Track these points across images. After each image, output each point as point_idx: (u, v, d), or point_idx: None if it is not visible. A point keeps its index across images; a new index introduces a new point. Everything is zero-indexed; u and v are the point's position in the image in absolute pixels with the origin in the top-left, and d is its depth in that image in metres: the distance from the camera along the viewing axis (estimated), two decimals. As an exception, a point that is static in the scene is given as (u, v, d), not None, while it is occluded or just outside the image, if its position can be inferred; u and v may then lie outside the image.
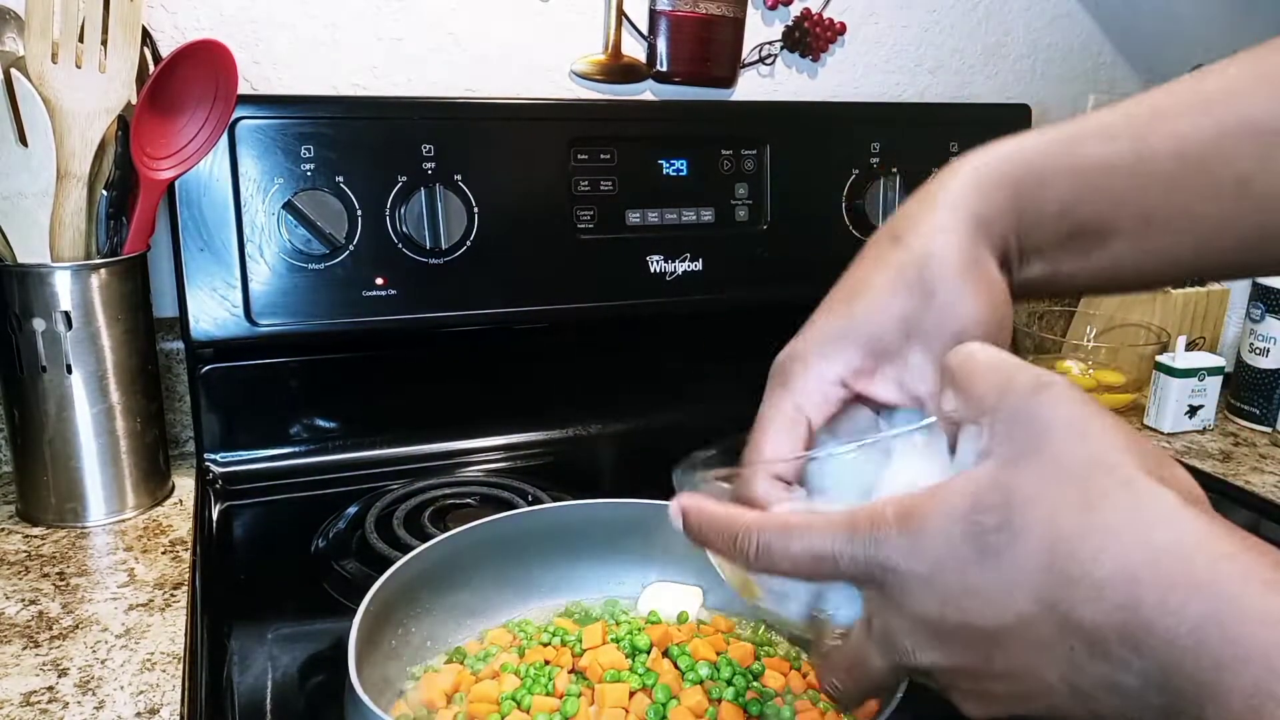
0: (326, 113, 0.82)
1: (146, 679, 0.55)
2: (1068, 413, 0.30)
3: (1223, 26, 1.23)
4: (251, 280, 0.81)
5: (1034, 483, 0.29)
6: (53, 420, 0.72)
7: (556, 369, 0.96)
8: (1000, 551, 0.29)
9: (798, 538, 0.33)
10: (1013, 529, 0.29)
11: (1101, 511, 0.28)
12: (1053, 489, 0.29)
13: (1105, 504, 0.28)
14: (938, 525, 0.30)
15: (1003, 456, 0.30)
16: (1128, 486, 0.28)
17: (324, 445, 0.89)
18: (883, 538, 0.31)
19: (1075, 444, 0.29)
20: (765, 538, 0.34)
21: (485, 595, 0.61)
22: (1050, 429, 0.30)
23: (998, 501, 0.29)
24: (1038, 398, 0.30)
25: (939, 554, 0.30)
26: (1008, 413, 0.31)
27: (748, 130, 0.97)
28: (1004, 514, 0.29)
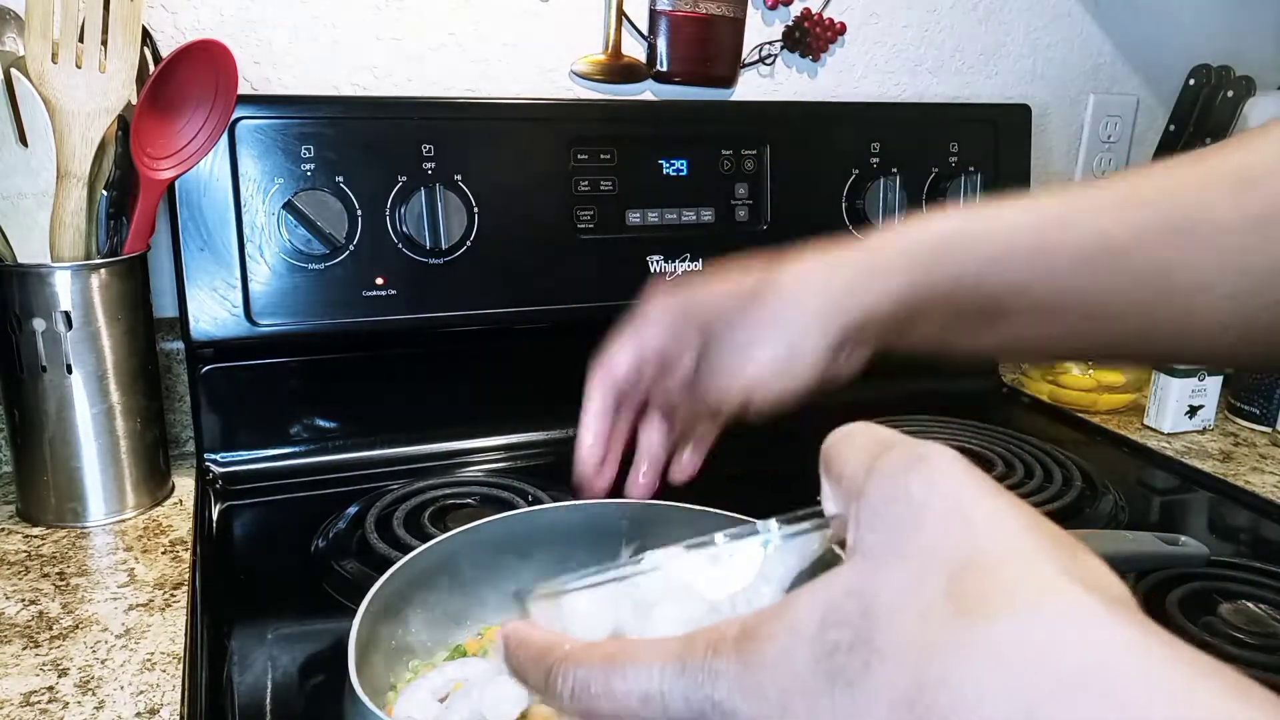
0: (326, 113, 0.82)
1: (146, 679, 0.55)
2: (947, 492, 0.23)
3: (1222, 27, 1.23)
4: (251, 280, 0.81)
5: (899, 586, 0.22)
6: (53, 420, 0.72)
7: (556, 369, 0.96)
8: (854, 680, 0.22)
9: (620, 673, 0.25)
10: (870, 648, 0.22)
11: (984, 623, 0.20)
12: (921, 594, 0.22)
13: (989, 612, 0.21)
14: (781, 648, 0.23)
15: (866, 555, 0.24)
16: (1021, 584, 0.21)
17: (324, 445, 0.89)
18: (719, 670, 0.24)
19: (954, 533, 0.22)
20: (583, 673, 0.26)
21: (485, 595, 0.61)
22: (923, 516, 0.23)
23: (853, 613, 0.22)
24: (909, 476, 0.24)
25: (783, 686, 0.23)
26: (874, 498, 0.24)
27: (748, 130, 0.97)
28: (861, 629, 0.22)
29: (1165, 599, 0.65)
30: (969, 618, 0.21)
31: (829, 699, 0.22)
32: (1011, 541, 0.22)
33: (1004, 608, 0.20)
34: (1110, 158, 1.23)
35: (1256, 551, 0.78)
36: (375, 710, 0.43)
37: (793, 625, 0.23)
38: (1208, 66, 1.13)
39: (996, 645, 0.20)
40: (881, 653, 0.21)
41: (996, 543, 0.22)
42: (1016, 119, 1.09)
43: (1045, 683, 0.19)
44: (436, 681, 0.52)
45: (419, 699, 0.51)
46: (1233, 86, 1.11)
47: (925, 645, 0.21)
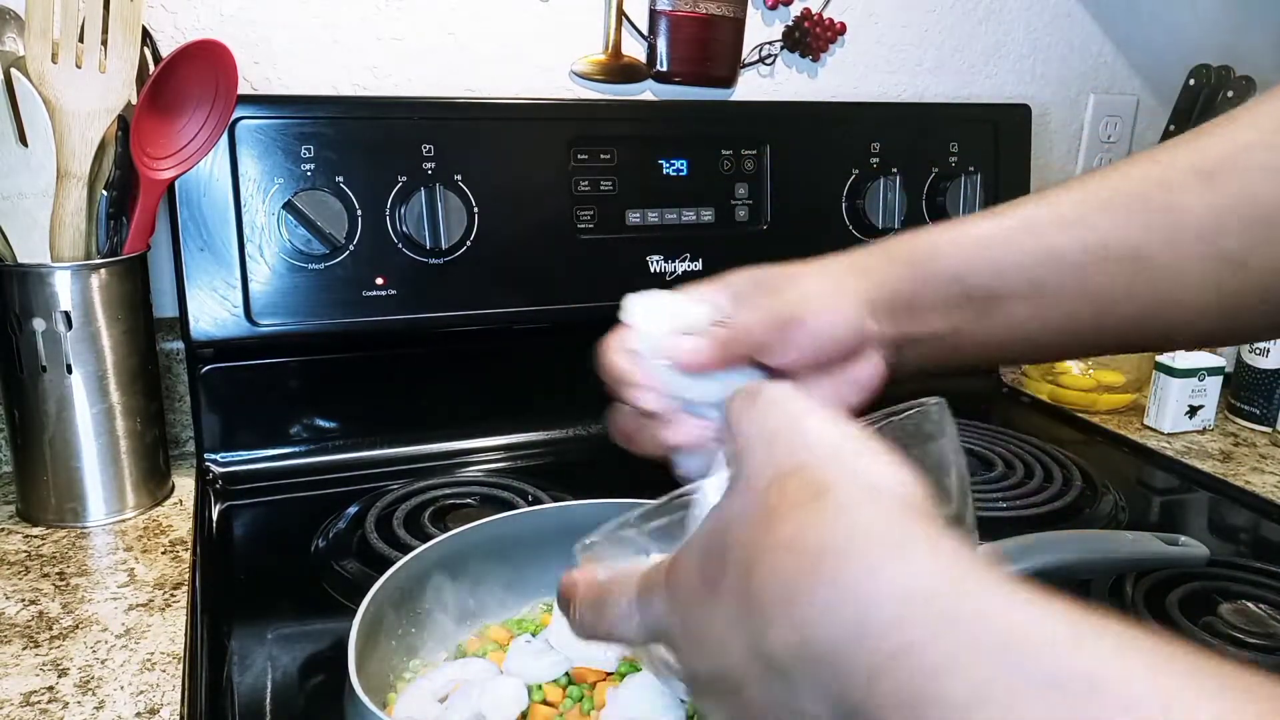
0: (326, 113, 0.82)
1: (146, 679, 0.55)
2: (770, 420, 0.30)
3: (1222, 27, 1.23)
4: (251, 280, 0.81)
5: (737, 502, 0.28)
6: (53, 420, 0.72)
7: (556, 369, 0.96)
8: (716, 584, 0.28)
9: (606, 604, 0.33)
10: (723, 556, 0.28)
11: (775, 522, 0.26)
12: (747, 504, 0.28)
13: (779, 513, 0.27)
14: (683, 566, 0.30)
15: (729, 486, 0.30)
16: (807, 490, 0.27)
17: (324, 445, 0.89)
18: (657, 590, 0.31)
19: (765, 456, 0.29)
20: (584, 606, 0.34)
21: (485, 595, 0.61)
22: (751, 442, 0.29)
23: (717, 531, 0.29)
24: (746, 415, 0.30)
25: (685, 598, 0.29)
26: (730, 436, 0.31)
27: (748, 130, 0.97)
28: (720, 542, 0.28)
29: (1165, 599, 0.65)
30: (770, 521, 0.27)
31: (708, 599, 0.28)
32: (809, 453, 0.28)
33: (788, 511, 0.26)
34: (1110, 158, 1.23)
35: (1256, 551, 0.78)
36: (375, 710, 0.43)
37: (690, 548, 0.30)
38: (1208, 66, 1.13)
39: (782, 539, 0.26)
40: (729, 554, 0.27)
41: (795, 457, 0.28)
42: (1016, 119, 1.09)
43: (806, 564, 0.25)
44: (436, 681, 0.52)
45: (419, 699, 0.51)
46: (1233, 86, 1.11)
47: (750, 544, 0.27)
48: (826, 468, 0.27)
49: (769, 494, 0.27)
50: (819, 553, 0.25)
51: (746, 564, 0.27)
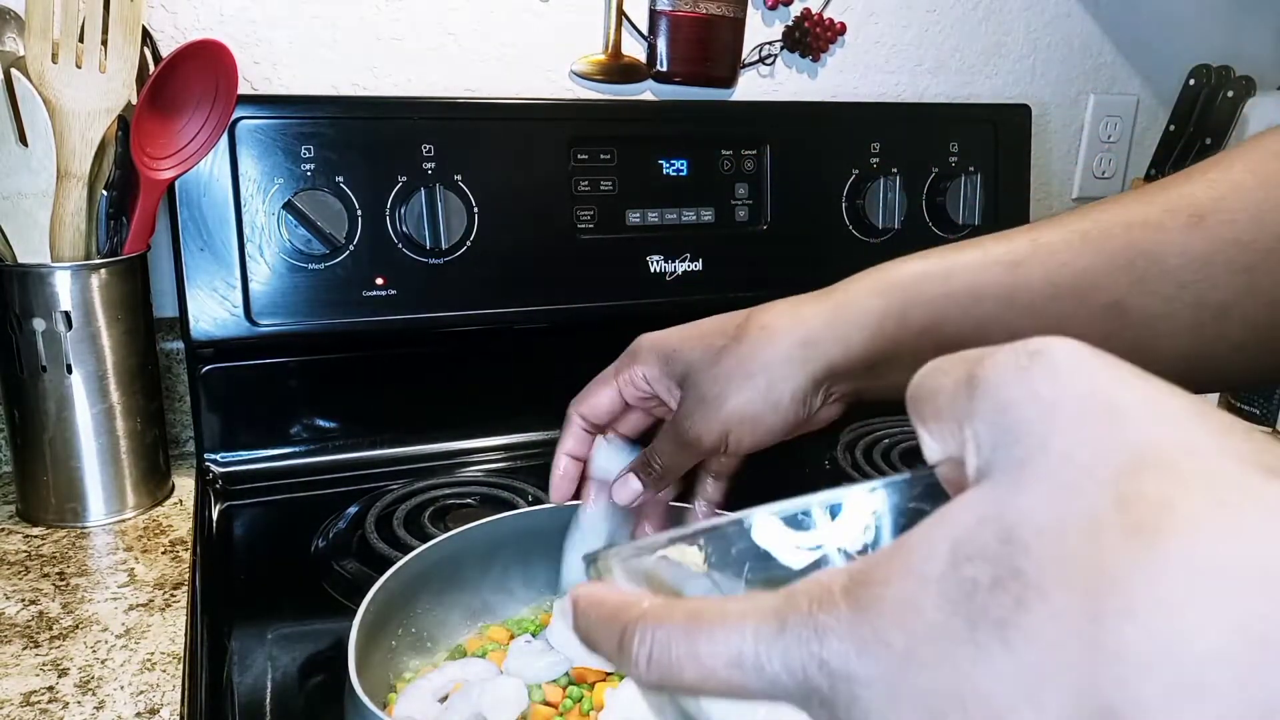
0: (326, 113, 0.82)
1: (146, 679, 0.55)
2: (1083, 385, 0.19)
3: (1223, 27, 1.23)
4: (251, 280, 0.81)
5: (1046, 504, 0.18)
6: (53, 420, 0.72)
7: (556, 369, 0.96)
8: (1006, 622, 0.18)
9: (707, 633, 0.21)
10: (1022, 582, 0.18)
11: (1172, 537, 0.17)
12: (1079, 508, 0.18)
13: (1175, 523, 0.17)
14: (903, 594, 0.19)
15: (994, 475, 0.19)
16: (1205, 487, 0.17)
17: (324, 445, 0.89)
18: (827, 625, 0.20)
19: (1101, 432, 0.18)
20: (663, 634, 0.22)
21: (485, 595, 0.61)
22: (1058, 416, 0.19)
23: (991, 542, 0.18)
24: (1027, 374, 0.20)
25: (909, 636, 0.19)
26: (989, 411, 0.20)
27: (748, 130, 0.97)
28: (1004, 561, 0.18)
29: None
30: (1149, 533, 0.17)
31: (972, 646, 0.18)
32: (1179, 434, 0.18)
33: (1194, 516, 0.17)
34: (1110, 158, 1.23)
35: (1256, 551, 0.78)
36: (375, 710, 0.43)
37: (913, 566, 0.19)
38: (1208, 66, 1.13)
39: (1194, 561, 0.16)
40: (1034, 584, 0.18)
41: (1160, 437, 0.18)
42: (1016, 119, 1.09)
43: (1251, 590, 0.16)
44: (436, 681, 0.52)
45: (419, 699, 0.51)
46: (1233, 86, 1.11)
47: (1097, 570, 0.17)
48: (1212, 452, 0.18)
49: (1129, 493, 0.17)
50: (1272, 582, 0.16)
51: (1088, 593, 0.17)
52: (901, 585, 0.19)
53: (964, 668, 0.18)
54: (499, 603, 0.61)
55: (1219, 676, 0.15)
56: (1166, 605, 0.16)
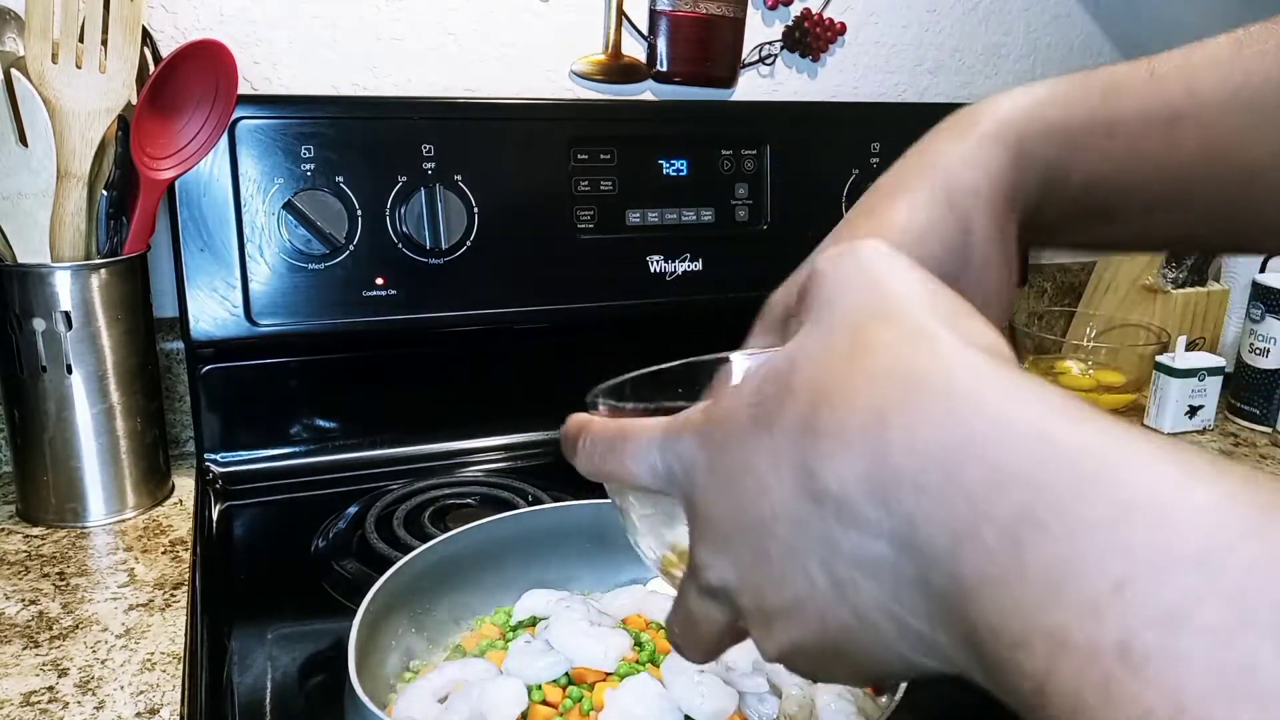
0: (326, 113, 0.82)
1: (146, 679, 0.55)
2: (862, 270, 0.27)
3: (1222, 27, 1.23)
4: (251, 280, 0.81)
5: (814, 342, 0.26)
6: (53, 420, 0.72)
7: (556, 369, 0.96)
8: (772, 418, 0.25)
9: (622, 440, 0.31)
10: (787, 391, 0.25)
11: (865, 357, 0.24)
12: (830, 343, 0.25)
13: (871, 350, 0.24)
14: (729, 407, 0.27)
15: (802, 327, 0.27)
16: (901, 330, 0.24)
17: (324, 445, 0.89)
18: (687, 432, 0.28)
19: (857, 296, 0.26)
20: (598, 440, 0.32)
21: (485, 595, 0.61)
22: (841, 289, 0.27)
23: (783, 369, 0.26)
24: (838, 261, 0.27)
25: (724, 434, 0.27)
26: (813, 285, 0.28)
27: (748, 130, 0.97)
28: (784, 379, 0.26)
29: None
30: (856, 357, 0.24)
31: (753, 435, 0.26)
32: (905, 301, 0.25)
33: (881, 346, 0.24)
34: (1110, 158, 1.23)
35: (1256, 551, 0.78)
36: (375, 710, 0.43)
37: (740, 389, 0.27)
38: (1208, 66, 1.13)
39: (869, 372, 0.24)
40: (793, 391, 0.25)
41: (892, 302, 0.26)
42: (1016, 119, 1.09)
43: (895, 391, 0.23)
44: (436, 681, 0.52)
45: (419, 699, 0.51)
46: (1233, 86, 1.11)
47: (824, 381, 0.25)
48: (923, 315, 0.25)
49: (857, 334, 0.25)
50: (911, 386, 0.23)
51: (815, 398, 0.24)
52: (729, 401, 0.27)
53: (749, 451, 0.26)
54: (499, 603, 0.61)
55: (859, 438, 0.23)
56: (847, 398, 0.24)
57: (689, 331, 0.99)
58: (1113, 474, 0.20)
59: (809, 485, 0.24)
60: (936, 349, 0.24)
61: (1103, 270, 1.20)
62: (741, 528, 0.26)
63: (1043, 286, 1.24)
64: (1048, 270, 1.24)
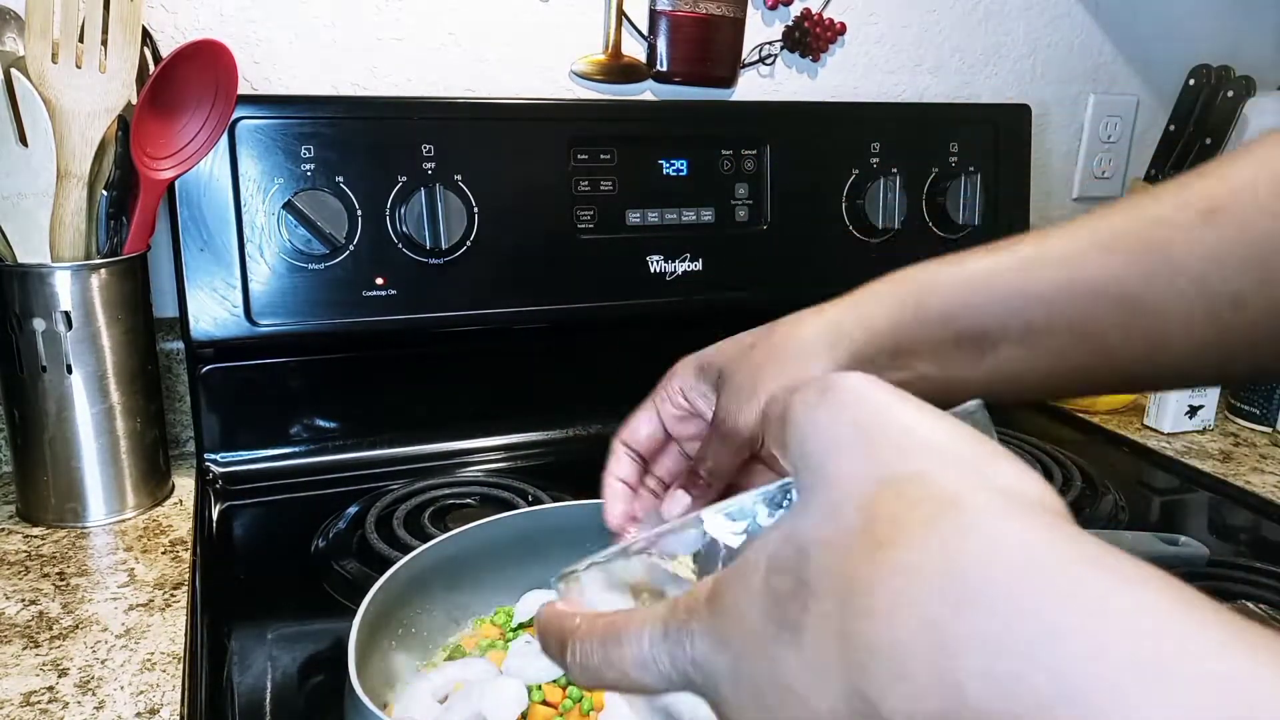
0: (326, 113, 0.82)
1: (146, 679, 0.55)
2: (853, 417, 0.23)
3: (1222, 26, 1.23)
4: (251, 280, 0.81)
5: (820, 522, 0.22)
6: (53, 420, 0.72)
7: (556, 369, 0.96)
8: (798, 624, 0.22)
9: (615, 642, 0.26)
10: (807, 590, 0.22)
11: (893, 549, 0.20)
12: (840, 525, 0.22)
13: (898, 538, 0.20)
14: (737, 602, 0.23)
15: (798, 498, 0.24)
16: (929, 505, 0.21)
17: (324, 445, 0.89)
18: (694, 630, 0.24)
19: (860, 461, 0.23)
20: (587, 646, 0.27)
21: (484, 595, 0.61)
22: (835, 447, 0.23)
23: (790, 557, 0.22)
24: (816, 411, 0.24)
25: (743, 638, 0.23)
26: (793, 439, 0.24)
27: (748, 130, 0.97)
28: (798, 572, 0.22)
29: (1165, 599, 0.65)
30: (882, 547, 0.21)
31: (778, 644, 0.22)
32: (921, 457, 0.22)
33: (911, 534, 0.20)
34: (1110, 158, 1.23)
35: (1256, 551, 0.78)
36: (375, 710, 0.43)
37: (745, 577, 0.24)
38: (1208, 66, 1.13)
39: (905, 572, 0.20)
40: (813, 590, 0.22)
41: (905, 461, 0.22)
42: (1016, 119, 1.09)
43: (943, 602, 0.19)
44: (436, 681, 0.52)
45: (419, 699, 0.51)
46: (1233, 86, 1.11)
47: (848, 579, 0.21)
48: (947, 473, 0.21)
49: (873, 507, 0.21)
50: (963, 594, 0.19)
51: (844, 601, 0.21)
52: (736, 595, 0.23)
53: (775, 662, 0.22)
54: (499, 603, 0.61)
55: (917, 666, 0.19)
56: (888, 607, 0.20)
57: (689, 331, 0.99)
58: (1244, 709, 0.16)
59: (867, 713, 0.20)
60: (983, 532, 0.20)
61: (1103, 270, 1.20)
62: None
63: (1043, 286, 1.24)
64: (1048, 270, 1.24)
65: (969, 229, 1.02)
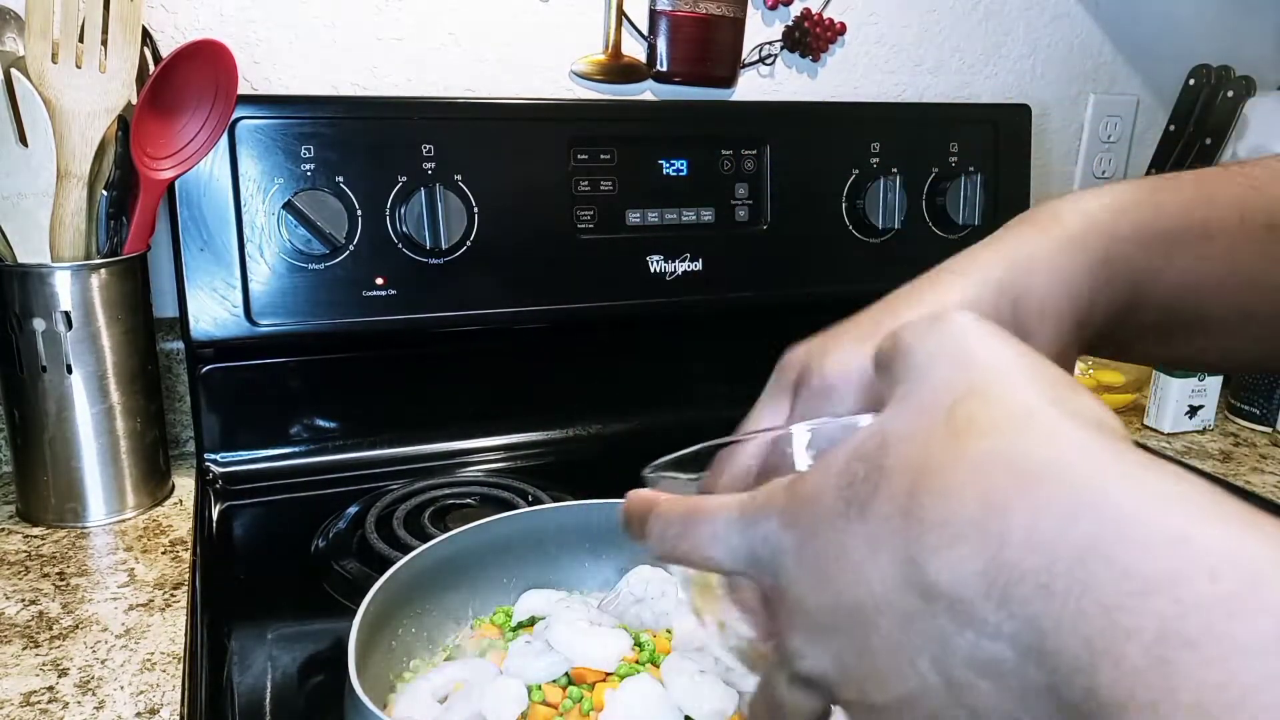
0: (326, 113, 0.82)
1: (146, 679, 0.55)
2: (956, 342, 0.26)
3: (1222, 26, 1.23)
4: (251, 280, 0.81)
5: (908, 419, 0.25)
6: (53, 420, 0.72)
7: (556, 369, 0.96)
8: (866, 503, 0.24)
9: (695, 519, 0.29)
10: (880, 472, 0.24)
11: (969, 439, 0.23)
12: (924, 422, 0.24)
13: (974, 431, 0.23)
14: (815, 485, 0.26)
15: (890, 403, 0.26)
16: (1006, 410, 0.23)
17: (324, 445, 0.89)
18: (769, 510, 0.27)
19: (955, 372, 0.25)
20: (668, 518, 0.30)
21: (485, 595, 0.61)
22: (934, 362, 0.26)
23: (872, 448, 0.25)
24: (926, 334, 0.27)
25: (812, 517, 0.25)
26: (900, 357, 0.27)
27: (748, 130, 0.97)
28: (875, 459, 0.24)
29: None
30: (959, 438, 0.23)
31: (845, 519, 0.24)
32: (1006, 377, 0.24)
33: (988, 428, 0.23)
34: (1110, 158, 1.23)
35: (1256, 551, 0.78)
36: (375, 710, 0.43)
37: (826, 465, 0.26)
38: (1208, 66, 1.13)
39: (975, 457, 0.22)
40: (888, 473, 0.24)
41: (992, 378, 0.24)
42: (1016, 119, 1.09)
43: (1007, 478, 0.21)
44: (436, 681, 0.52)
45: (419, 699, 0.51)
46: (1233, 86, 1.11)
47: (922, 463, 0.23)
48: (1028, 392, 0.24)
49: (955, 411, 0.24)
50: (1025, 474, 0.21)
51: (914, 481, 0.23)
52: (815, 480, 0.26)
53: (840, 535, 0.24)
54: (498, 603, 0.61)
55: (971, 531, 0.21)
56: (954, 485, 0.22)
57: (689, 331, 0.99)
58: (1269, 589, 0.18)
59: (916, 579, 0.22)
60: (1049, 431, 0.22)
61: (1103, 270, 1.20)
62: (840, 618, 0.24)
63: (1043, 286, 1.24)
64: (1048, 270, 1.24)
65: (969, 229, 1.02)
